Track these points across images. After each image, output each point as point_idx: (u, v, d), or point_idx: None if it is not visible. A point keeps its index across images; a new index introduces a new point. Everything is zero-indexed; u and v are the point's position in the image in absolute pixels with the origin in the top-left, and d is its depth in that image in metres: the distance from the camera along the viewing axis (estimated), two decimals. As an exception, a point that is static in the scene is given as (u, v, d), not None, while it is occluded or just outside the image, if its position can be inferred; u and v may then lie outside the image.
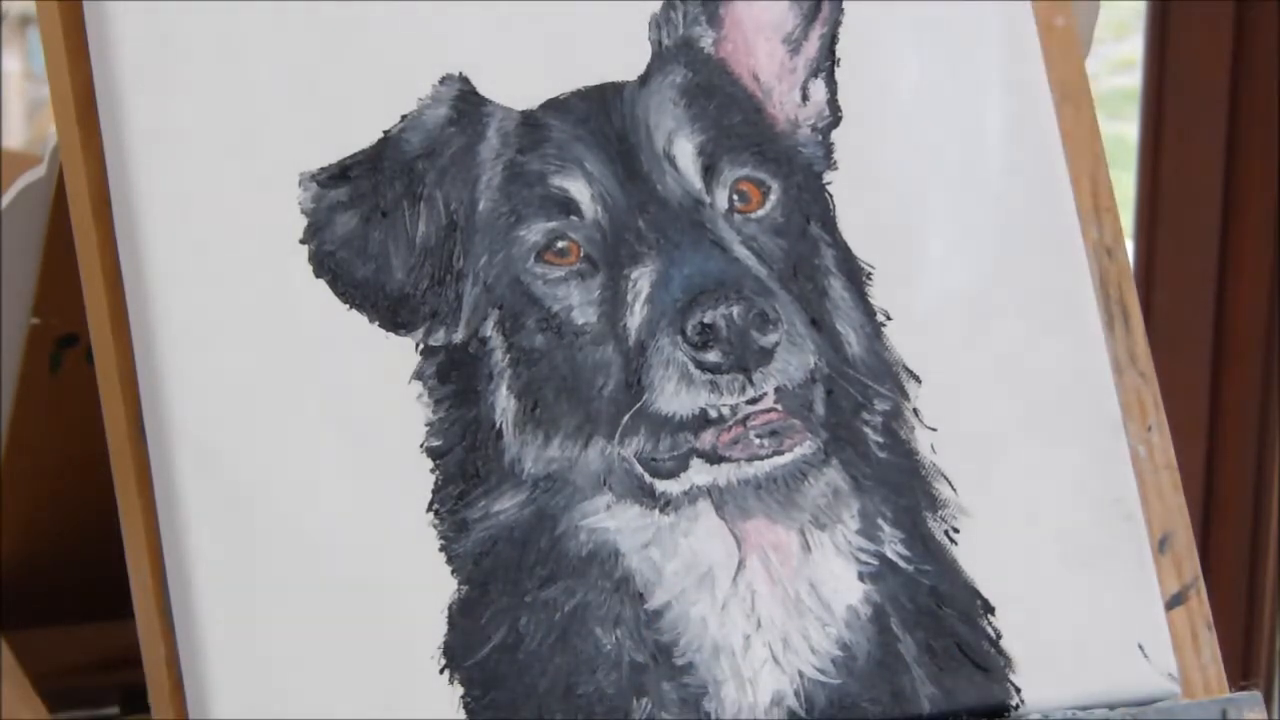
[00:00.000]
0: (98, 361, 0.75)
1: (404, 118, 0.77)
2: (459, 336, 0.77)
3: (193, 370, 0.73)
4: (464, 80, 0.78)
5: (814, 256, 0.81)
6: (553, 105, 0.79)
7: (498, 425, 0.76)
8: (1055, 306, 0.85)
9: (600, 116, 0.79)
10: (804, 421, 0.78)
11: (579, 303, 0.77)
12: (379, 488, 0.74)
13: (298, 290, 0.75)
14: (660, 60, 0.81)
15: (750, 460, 0.77)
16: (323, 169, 0.76)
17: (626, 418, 0.76)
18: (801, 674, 0.77)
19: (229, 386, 0.74)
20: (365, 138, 0.77)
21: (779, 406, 0.77)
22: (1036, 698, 0.80)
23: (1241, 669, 1.73)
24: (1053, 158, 0.86)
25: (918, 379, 0.82)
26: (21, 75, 2.86)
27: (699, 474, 0.77)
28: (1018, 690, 0.80)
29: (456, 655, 0.74)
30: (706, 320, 0.75)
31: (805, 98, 0.83)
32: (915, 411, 0.81)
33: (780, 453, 0.78)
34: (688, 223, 0.78)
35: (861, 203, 0.83)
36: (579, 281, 0.78)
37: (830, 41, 0.84)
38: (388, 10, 0.78)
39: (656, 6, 0.81)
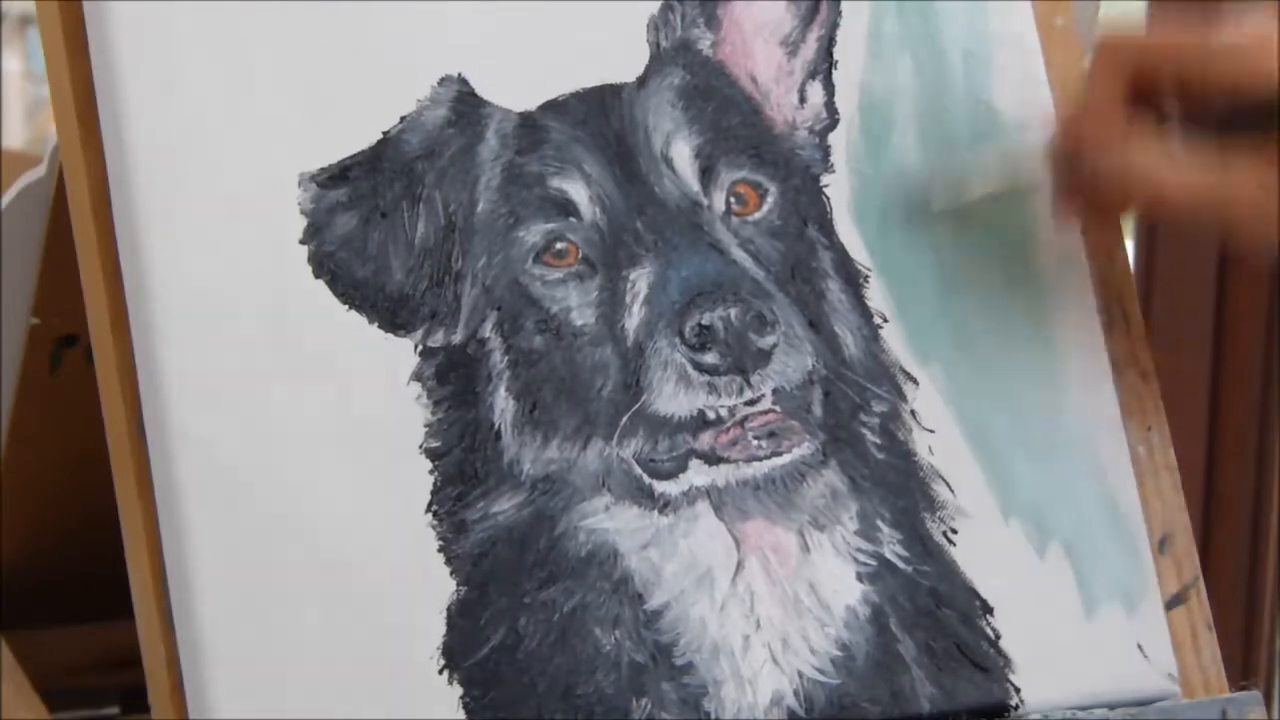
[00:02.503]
0: (98, 361, 0.75)
1: (403, 119, 0.77)
2: (458, 338, 0.77)
3: (193, 370, 0.73)
4: (462, 81, 0.78)
5: (811, 259, 0.81)
6: (551, 107, 0.79)
7: (496, 426, 0.76)
8: (1055, 307, 0.85)
9: (599, 118, 0.79)
10: (802, 423, 0.78)
11: (577, 304, 0.77)
12: (378, 488, 0.74)
13: (297, 291, 0.75)
14: (658, 62, 0.81)
15: (749, 461, 0.77)
16: (322, 170, 0.76)
17: (625, 419, 0.76)
18: (801, 674, 0.77)
19: (229, 386, 0.74)
20: (364, 138, 0.77)
21: (777, 408, 0.77)
22: (1036, 698, 0.80)
23: (1241, 669, 1.72)
24: (1052, 158, 0.86)
25: (915, 380, 0.82)
26: (21, 75, 2.86)
27: (697, 475, 0.77)
28: (1017, 690, 0.80)
29: (456, 656, 0.74)
30: (704, 322, 0.75)
31: (803, 100, 0.83)
32: (913, 413, 0.81)
33: (778, 454, 0.78)
34: (685, 225, 0.78)
35: (860, 204, 0.83)
36: (577, 283, 0.78)
37: (828, 44, 0.84)
38: (387, 10, 0.78)
39: (655, 8, 0.81)
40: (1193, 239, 1.74)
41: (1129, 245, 1.76)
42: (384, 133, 0.77)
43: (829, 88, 0.84)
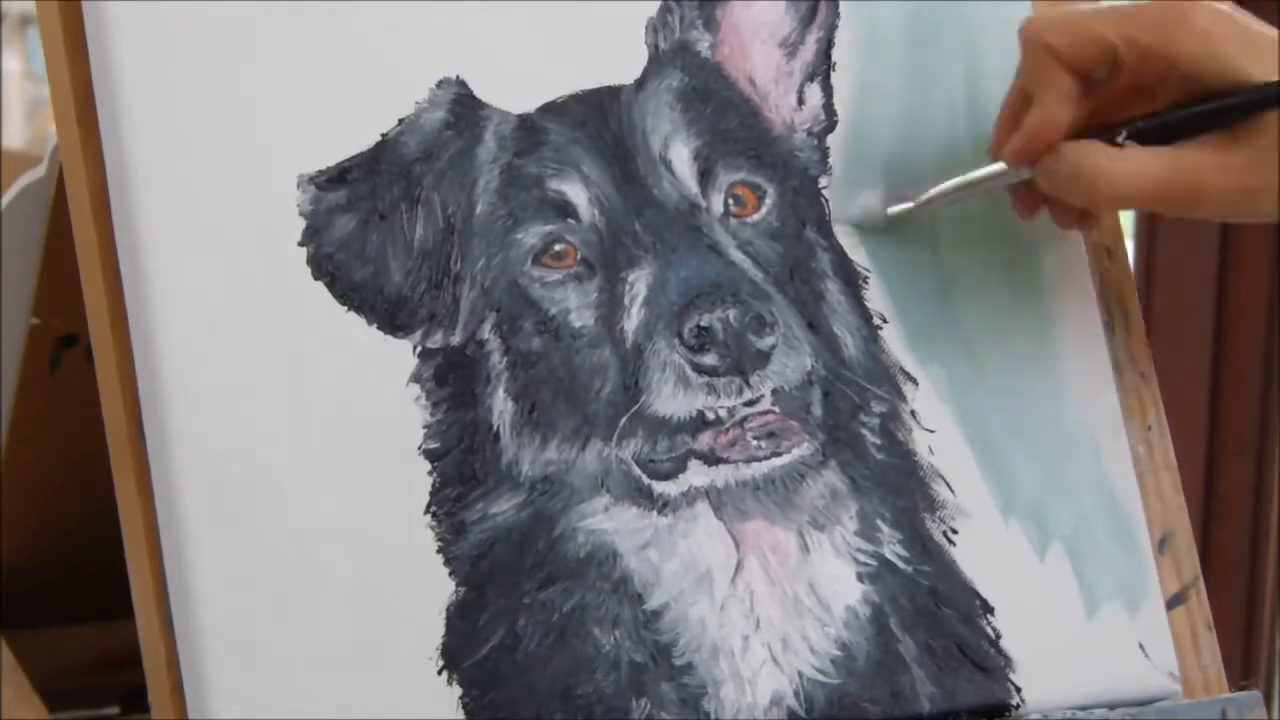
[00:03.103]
0: (98, 361, 0.75)
1: (401, 121, 0.77)
2: (456, 339, 0.77)
3: (193, 370, 0.73)
4: (461, 84, 0.78)
5: (810, 260, 0.81)
6: (550, 109, 0.79)
7: (495, 428, 0.76)
8: (1055, 307, 0.85)
9: (597, 120, 0.79)
10: (801, 423, 0.78)
11: (576, 305, 0.77)
12: (377, 489, 0.74)
13: (296, 292, 0.75)
14: (657, 64, 0.81)
15: (748, 462, 0.77)
16: (321, 171, 0.76)
17: (624, 420, 0.76)
18: (801, 674, 0.77)
19: (228, 387, 0.74)
20: (363, 140, 0.77)
21: (776, 408, 0.77)
22: (1036, 697, 0.80)
23: (1241, 669, 1.72)
24: (1052, 158, 0.86)
25: (915, 381, 0.82)
26: (21, 75, 2.86)
27: (697, 475, 0.77)
28: (1018, 690, 0.80)
29: (455, 656, 0.74)
30: (703, 323, 0.75)
31: (801, 102, 0.83)
32: (913, 413, 0.82)
33: (778, 454, 0.78)
34: (684, 226, 0.78)
35: (859, 204, 0.83)
36: (576, 284, 0.78)
37: (826, 46, 0.84)
38: (386, 12, 0.78)
39: (653, 10, 0.81)
40: (1193, 239, 1.74)
41: (1129, 245, 1.77)
42: (382, 135, 0.77)
43: (827, 89, 0.84)
